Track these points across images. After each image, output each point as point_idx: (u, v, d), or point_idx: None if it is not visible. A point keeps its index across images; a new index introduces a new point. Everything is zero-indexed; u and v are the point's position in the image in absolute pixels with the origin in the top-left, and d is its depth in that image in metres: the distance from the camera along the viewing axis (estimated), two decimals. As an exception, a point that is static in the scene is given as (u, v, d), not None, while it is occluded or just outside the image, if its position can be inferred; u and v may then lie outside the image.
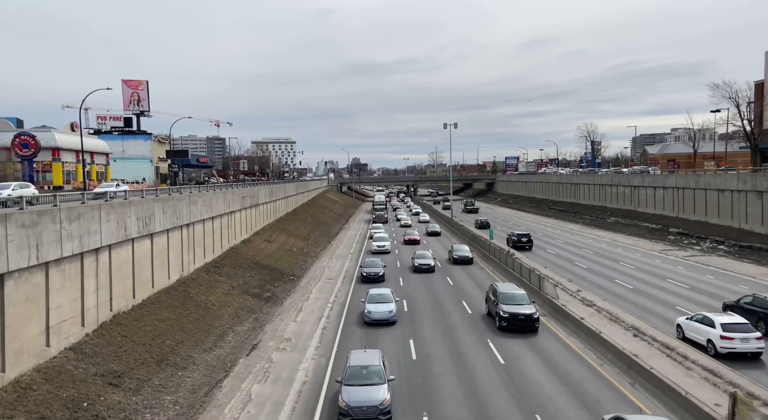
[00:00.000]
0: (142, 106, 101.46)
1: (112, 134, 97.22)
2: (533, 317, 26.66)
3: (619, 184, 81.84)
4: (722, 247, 49.96)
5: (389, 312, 28.05)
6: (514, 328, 26.44)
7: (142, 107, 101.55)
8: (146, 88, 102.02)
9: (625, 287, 36.80)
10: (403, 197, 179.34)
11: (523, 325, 26.48)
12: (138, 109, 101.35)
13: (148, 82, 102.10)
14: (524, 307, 27.20)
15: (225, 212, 43.64)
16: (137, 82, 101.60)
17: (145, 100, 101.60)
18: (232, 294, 32.88)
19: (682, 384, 18.33)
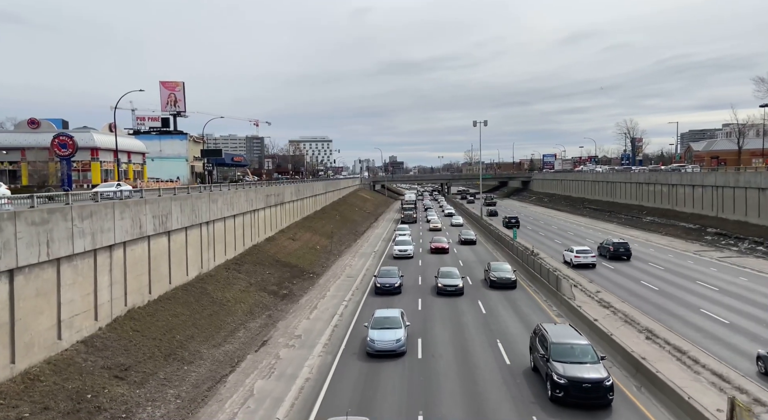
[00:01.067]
0: (179, 106, 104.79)
1: (150, 134, 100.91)
2: (605, 385, 17.23)
3: (656, 183, 78.75)
4: (761, 247, 47.33)
5: (396, 341, 22.49)
6: (576, 399, 17.24)
7: (178, 108, 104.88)
8: (182, 90, 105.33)
9: (651, 289, 35.45)
10: (435, 196, 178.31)
11: (588, 397, 17.16)
12: (174, 109, 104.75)
13: (185, 84, 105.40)
14: (590, 367, 17.86)
15: (248, 210, 44.59)
16: (174, 84, 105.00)
17: (182, 101, 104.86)
18: (248, 291, 33.61)
19: (688, 388, 17.59)
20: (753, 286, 34.96)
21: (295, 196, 66.74)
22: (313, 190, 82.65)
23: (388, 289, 34.92)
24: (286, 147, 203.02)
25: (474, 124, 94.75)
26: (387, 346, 22.51)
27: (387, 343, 22.64)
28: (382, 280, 35.70)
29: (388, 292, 34.89)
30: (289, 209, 62.94)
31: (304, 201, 74.15)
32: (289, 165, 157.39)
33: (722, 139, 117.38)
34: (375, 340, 22.74)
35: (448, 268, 37.98)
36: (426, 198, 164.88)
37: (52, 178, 59.91)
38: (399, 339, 22.88)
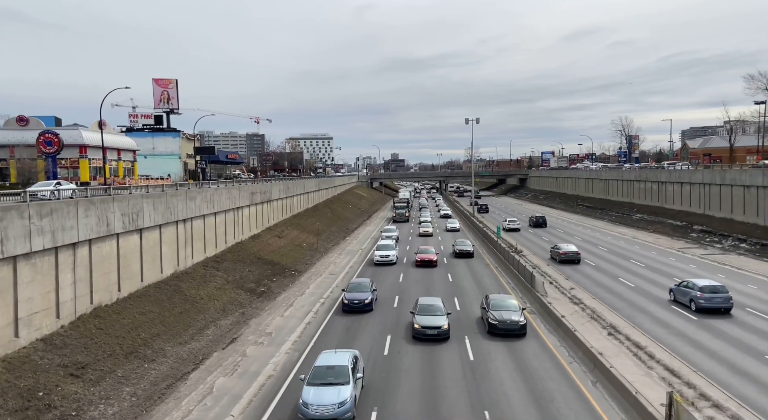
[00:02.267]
0: (172, 104, 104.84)
1: (143, 131, 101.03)
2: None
3: (646, 180, 78.68)
4: (744, 245, 47.33)
5: (339, 405, 16.40)
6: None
7: (171, 105, 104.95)
8: (176, 87, 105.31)
9: (628, 286, 35.52)
10: (433, 194, 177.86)
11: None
12: (168, 107, 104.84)
13: (178, 81, 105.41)
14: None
15: (230, 208, 44.66)
16: (167, 81, 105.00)
17: (175, 98, 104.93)
18: (224, 288, 33.72)
19: (637, 383, 17.77)
20: (730, 283, 34.90)
21: (284, 193, 66.77)
22: (304, 187, 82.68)
23: (357, 307, 29.75)
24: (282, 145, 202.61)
25: (466, 122, 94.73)
26: (325, 413, 16.14)
27: (325, 408, 16.25)
28: (351, 296, 30.30)
29: (358, 309, 29.77)
30: (277, 207, 62.99)
31: (294, 198, 74.17)
32: (286, 162, 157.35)
33: (717, 136, 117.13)
34: (309, 403, 16.41)
35: (430, 300, 26.97)
36: (423, 196, 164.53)
37: (41, 175, 60.03)
38: (344, 402, 16.45)
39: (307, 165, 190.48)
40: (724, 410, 15.97)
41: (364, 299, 30.13)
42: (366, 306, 30.00)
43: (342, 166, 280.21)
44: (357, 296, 30.27)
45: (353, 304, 29.99)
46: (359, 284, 32.06)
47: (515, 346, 24.14)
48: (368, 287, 31.51)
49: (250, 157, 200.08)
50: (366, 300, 30.12)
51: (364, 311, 30.01)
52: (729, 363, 20.87)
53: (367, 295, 30.48)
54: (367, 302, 30.09)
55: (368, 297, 30.33)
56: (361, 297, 30.23)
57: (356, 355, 19.47)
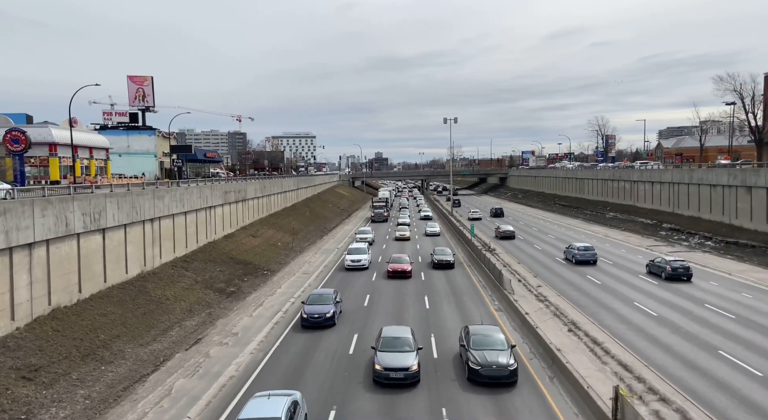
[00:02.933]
0: (148, 101, 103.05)
1: (117, 130, 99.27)
2: None
3: (619, 179, 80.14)
4: (709, 242, 48.55)
5: None
6: None
7: (147, 103, 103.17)
8: (151, 84, 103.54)
9: (594, 283, 36.18)
10: (415, 193, 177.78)
11: None
12: (143, 104, 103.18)
13: (153, 78, 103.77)
14: None
15: (201, 207, 44.22)
16: (142, 78, 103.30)
17: (150, 96, 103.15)
18: (193, 289, 33.40)
19: (590, 378, 18.16)
20: (694, 280, 35.82)
21: (260, 192, 66.33)
22: (282, 186, 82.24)
23: (317, 322, 26.91)
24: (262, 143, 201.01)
25: (445, 121, 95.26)
26: None
27: None
28: (311, 309, 27.36)
29: (318, 325, 26.93)
30: (252, 206, 62.55)
31: (271, 197, 73.72)
32: (266, 161, 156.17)
33: (688, 136, 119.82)
34: None
35: (397, 331, 21.56)
36: (404, 195, 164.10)
37: (9, 173, 58.64)
38: None
39: (289, 164, 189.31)
40: (670, 403, 16.41)
41: (326, 313, 27.23)
42: (327, 320, 27.10)
43: (324, 164, 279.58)
44: (318, 309, 27.39)
45: (312, 318, 27.07)
46: (321, 296, 28.95)
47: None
48: (330, 299, 28.45)
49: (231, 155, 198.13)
50: (327, 313, 27.24)
51: (324, 326, 27.16)
52: (681, 357, 21.44)
53: (329, 308, 27.56)
54: (328, 316, 27.19)
55: (330, 310, 27.43)
56: (322, 310, 27.34)
57: (296, 400, 15.63)
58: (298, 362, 22.59)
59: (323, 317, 27.10)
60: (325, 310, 27.37)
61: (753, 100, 68.16)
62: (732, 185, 49.62)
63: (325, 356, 23.01)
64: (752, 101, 68.18)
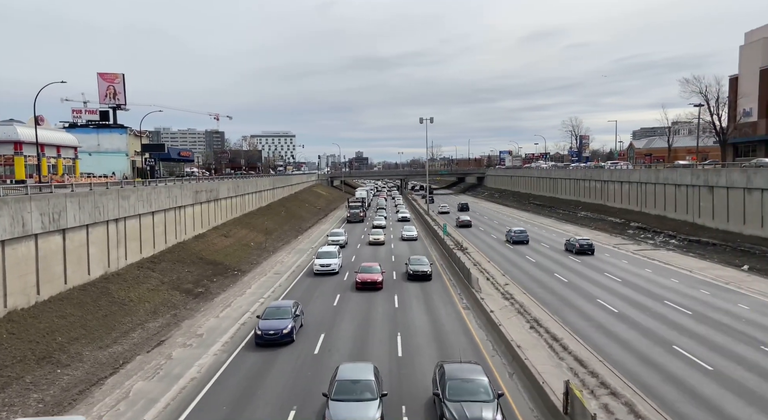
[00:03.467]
0: (118, 99, 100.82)
1: (87, 128, 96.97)
2: None
3: (590, 179, 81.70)
4: (673, 241, 49.89)
5: None
6: None
7: (118, 101, 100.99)
8: (122, 82, 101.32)
9: (561, 281, 36.84)
10: (394, 193, 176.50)
11: None
12: (114, 102, 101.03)
13: (124, 76, 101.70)
14: None
15: (170, 207, 43.58)
16: (113, 76, 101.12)
17: (122, 94, 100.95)
18: (159, 290, 32.90)
19: (546, 373, 18.59)
20: (653, 277, 36.83)
21: (233, 192, 65.66)
22: (257, 186, 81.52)
23: (273, 339, 23.96)
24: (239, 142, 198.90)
25: (421, 121, 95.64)
26: None
27: None
28: (266, 325, 24.50)
29: (273, 342, 24.02)
30: (225, 206, 61.87)
31: (246, 197, 73.04)
32: (242, 160, 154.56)
33: (658, 137, 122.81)
34: None
35: (355, 372, 17.34)
36: (382, 195, 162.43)
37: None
38: None
39: (267, 163, 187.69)
40: (620, 397, 16.88)
41: (282, 329, 24.25)
42: (284, 337, 24.19)
43: (304, 164, 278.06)
44: (274, 325, 24.43)
45: (268, 335, 24.07)
46: (278, 309, 25.89)
47: (443, 339, 24.64)
48: (289, 312, 25.54)
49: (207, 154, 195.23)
50: (284, 329, 24.28)
51: (281, 343, 24.15)
52: (637, 352, 22.03)
53: (287, 323, 24.61)
54: (285, 332, 24.25)
55: (288, 325, 24.49)
56: (279, 326, 24.36)
57: None
58: (263, 362, 22.50)
59: (279, 333, 24.21)
60: (281, 326, 24.45)
61: (717, 102, 70.29)
62: (695, 185, 51.09)
63: (289, 358, 22.94)
64: (717, 103, 70.31)
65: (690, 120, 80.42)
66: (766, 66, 72.34)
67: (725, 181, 46.35)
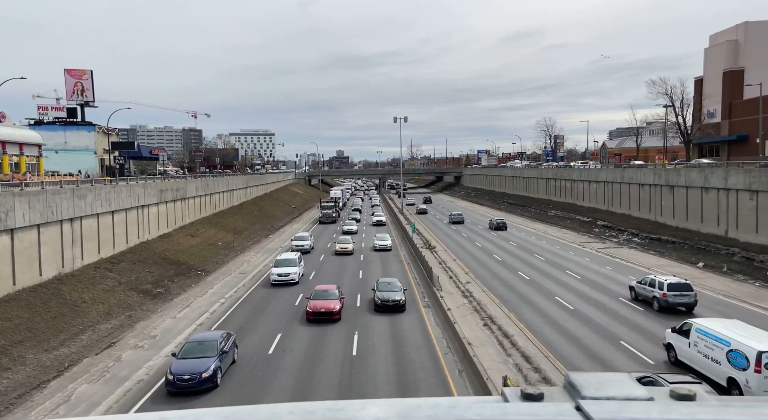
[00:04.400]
0: (86, 96, 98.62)
1: (54, 125, 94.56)
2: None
3: (561, 178, 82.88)
4: (636, 239, 50.98)
5: None
6: None
7: (86, 97, 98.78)
8: (90, 78, 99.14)
9: (523, 278, 37.28)
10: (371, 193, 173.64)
11: None
12: (82, 99, 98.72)
13: (92, 72, 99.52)
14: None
15: (132, 206, 42.77)
16: (81, 72, 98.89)
17: (90, 90, 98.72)
18: (115, 291, 32.25)
19: (491, 370, 18.88)
20: (612, 274, 37.55)
21: (202, 191, 64.82)
22: (228, 185, 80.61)
23: (188, 387, 18.42)
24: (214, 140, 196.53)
25: (395, 120, 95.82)
26: None
27: None
28: (181, 368, 18.81)
29: (189, 390, 18.52)
30: (193, 204, 61.01)
31: (216, 196, 72.17)
32: (217, 158, 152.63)
33: (628, 138, 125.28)
34: None
35: None
36: (359, 195, 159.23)
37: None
38: None
39: (244, 162, 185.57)
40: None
41: (201, 372, 18.42)
42: (204, 382, 18.48)
43: (283, 162, 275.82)
44: (189, 368, 18.53)
45: (181, 381, 18.32)
46: (200, 344, 20.04)
47: (400, 336, 24.69)
48: (214, 348, 19.63)
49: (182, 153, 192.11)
50: (205, 373, 18.46)
51: (198, 391, 18.47)
52: (585, 348, 22.44)
53: (209, 363, 18.80)
54: (206, 376, 18.47)
55: (210, 367, 18.69)
56: (197, 368, 18.52)
57: None
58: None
59: (197, 379, 18.38)
60: (200, 368, 18.54)
61: (682, 104, 72.01)
62: (657, 184, 52.27)
63: (248, 358, 22.70)
64: (681, 104, 72.03)
65: (656, 120, 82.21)
66: (729, 68, 74.37)
67: (684, 180, 47.53)
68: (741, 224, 39.37)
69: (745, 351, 16.29)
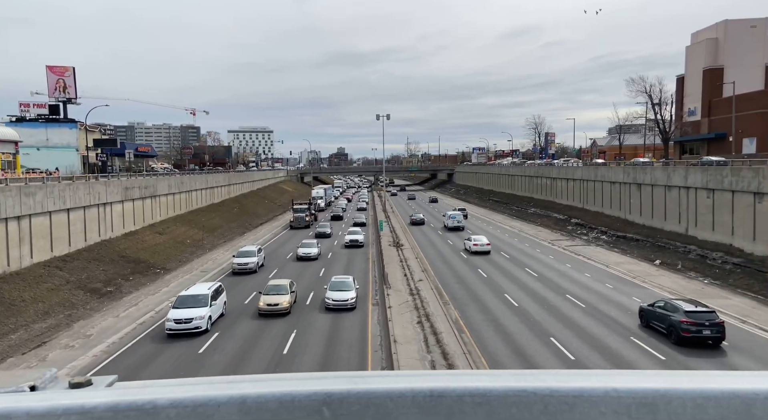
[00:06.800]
0: (69, 93, 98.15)
1: (36, 122, 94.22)
2: None
3: (542, 176, 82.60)
4: (604, 237, 50.74)
5: None
6: None
7: (68, 94, 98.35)
8: (72, 75, 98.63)
9: (481, 276, 37.01)
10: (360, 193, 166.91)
11: None
12: (64, 96, 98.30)
13: (75, 69, 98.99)
14: None
15: (92, 204, 42.49)
16: (63, 69, 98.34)
17: (72, 87, 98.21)
18: (60, 289, 31.97)
19: (405, 367, 18.84)
20: (569, 271, 37.29)
21: (175, 189, 64.55)
22: (206, 182, 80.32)
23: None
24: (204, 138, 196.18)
25: (377, 118, 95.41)
26: None
27: None
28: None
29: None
30: (165, 202, 60.75)
31: (193, 193, 71.91)
32: (206, 156, 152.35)
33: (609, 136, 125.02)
34: None
35: None
36: (349, 193, 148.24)
37: None
38: None
39: (236, 158, 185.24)
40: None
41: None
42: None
43: (279, 160, 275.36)
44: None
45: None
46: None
47: (338, 335, 24.41)
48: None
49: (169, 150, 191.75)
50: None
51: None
52: (513, 344, 22.18)
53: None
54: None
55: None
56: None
57: None
58: (142, 364, 21.97)
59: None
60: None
61: (660, 102, 71.67)
62: (626, 182, 51.99)
63: (174, 358, 22.43)
64: (660, 102, 71.69)
65: (635, 119, 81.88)
66: (709, 66, 73.98)
67: (650, 178, 47.23)
68: (699, 222, 39.09)
69: None
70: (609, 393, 0.85)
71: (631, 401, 0.84)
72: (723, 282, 31.31)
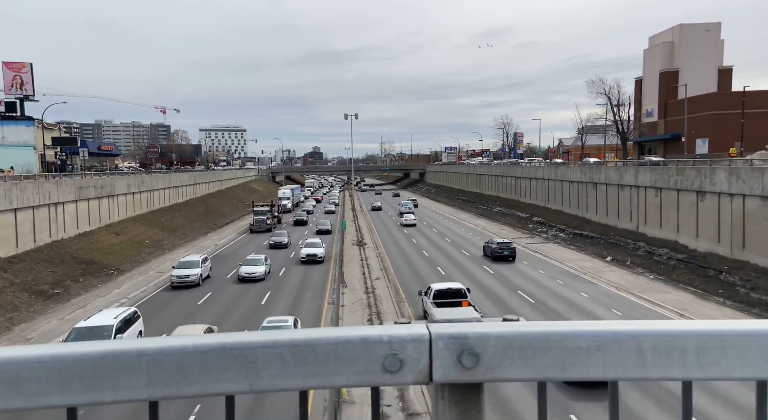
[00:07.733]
0: (26, 90, 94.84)
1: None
2: None
3: (507, 176, 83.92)
4: (562, 234, 51.90)
5: None
6: None
7: (25, 91, 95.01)
8: (30, 71, 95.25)
9: (440, 274, 37.34)
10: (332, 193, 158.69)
11: None
12: (21, 93, 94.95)
13: (32, 65, 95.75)
14: None
15: (41, 204, 41.18)
16: (20, 65, 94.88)
17: (29, 84, 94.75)
18: (3, 291, 30.87)
19: None
20: (524, 269, 38.08)
21: (135, 188, 63.16)
22: (170, 181, 78.82)
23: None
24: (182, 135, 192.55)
25: (345, 117, 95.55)
26: None
27: None
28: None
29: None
30: (124, 202, 59.37)
31: (155, 193, 70.47)
32: (173, 154, 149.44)
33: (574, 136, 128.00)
34: None
35: None
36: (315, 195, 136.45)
37: None
38: None
39: (207, 157, 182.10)
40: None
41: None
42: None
43: (252, 159, 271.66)
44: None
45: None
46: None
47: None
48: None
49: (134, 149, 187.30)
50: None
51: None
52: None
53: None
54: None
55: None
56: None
57: None
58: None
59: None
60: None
61: (618, 103, 73.73)
62: (583, 181, 53.31)
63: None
64: (618, 104, 73.75)
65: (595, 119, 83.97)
66: (665, 69, 76.44)
67: (605, 178, 48.56)
68: (649, 220, 40.41)
69: None
70: None
71: None
72: (667, 277, 32.43)
